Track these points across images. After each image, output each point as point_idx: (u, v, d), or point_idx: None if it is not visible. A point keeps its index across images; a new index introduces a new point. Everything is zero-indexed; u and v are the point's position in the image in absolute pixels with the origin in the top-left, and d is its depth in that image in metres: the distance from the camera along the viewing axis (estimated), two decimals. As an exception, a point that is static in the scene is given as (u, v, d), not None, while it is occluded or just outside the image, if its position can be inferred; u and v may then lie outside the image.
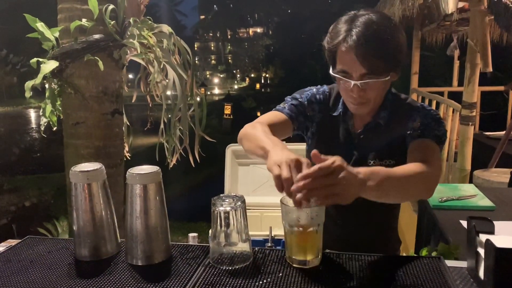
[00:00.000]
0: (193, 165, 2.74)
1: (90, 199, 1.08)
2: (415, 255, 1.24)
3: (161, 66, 2.40)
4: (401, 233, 3.90)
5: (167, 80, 2.56)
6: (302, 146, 1.46)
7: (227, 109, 19.53)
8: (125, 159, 2.68)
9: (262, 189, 3.00)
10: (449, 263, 1.03)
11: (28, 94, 2.09)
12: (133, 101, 2.84)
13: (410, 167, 1.10)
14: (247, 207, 1.06)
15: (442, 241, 2.02)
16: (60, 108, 2.43)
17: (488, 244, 0.84)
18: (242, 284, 0.94)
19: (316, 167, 0.85)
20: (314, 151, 0.88)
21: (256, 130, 1.17)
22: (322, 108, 1.34)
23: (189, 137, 2.71)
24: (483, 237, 0.89)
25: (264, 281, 0.95)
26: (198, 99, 2.78)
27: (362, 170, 0.93)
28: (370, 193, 0.96)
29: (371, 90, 1.17)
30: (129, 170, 1.05)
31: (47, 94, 2.35)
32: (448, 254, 1.22)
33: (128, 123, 2.76)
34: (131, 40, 2.31)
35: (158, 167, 1.08)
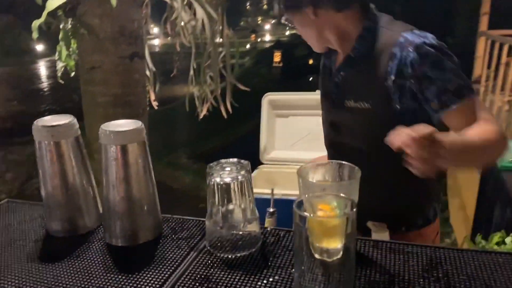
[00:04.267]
0: (225, 116, 2.50)
1: (58, 161, 0.86)
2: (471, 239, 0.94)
3: (185, 2, 2.09)
4: (459, 197, 3.52)
5: (196, 20, 2.26)
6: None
7: (277, 57, 18.99)
8: (148, 108, 2.46)
9: (302, 143, 2.70)
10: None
11: (35, 35, 1.89)
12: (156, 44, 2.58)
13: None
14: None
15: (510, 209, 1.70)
16: (76, 51, 2.22)
17: None
18: (240, 282, 0.70)
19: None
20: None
21: None
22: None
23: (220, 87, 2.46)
24: None
25: (270, 279, 0.71)
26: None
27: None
28: None
29: (301, 27, 1.12)
30: (102, 125, 0.81)
31: (60, 35, 2.13)
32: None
33: (154, 69, 2.52)
34: (150, -29, 2.02)
35: (140, 122, 0.83)
